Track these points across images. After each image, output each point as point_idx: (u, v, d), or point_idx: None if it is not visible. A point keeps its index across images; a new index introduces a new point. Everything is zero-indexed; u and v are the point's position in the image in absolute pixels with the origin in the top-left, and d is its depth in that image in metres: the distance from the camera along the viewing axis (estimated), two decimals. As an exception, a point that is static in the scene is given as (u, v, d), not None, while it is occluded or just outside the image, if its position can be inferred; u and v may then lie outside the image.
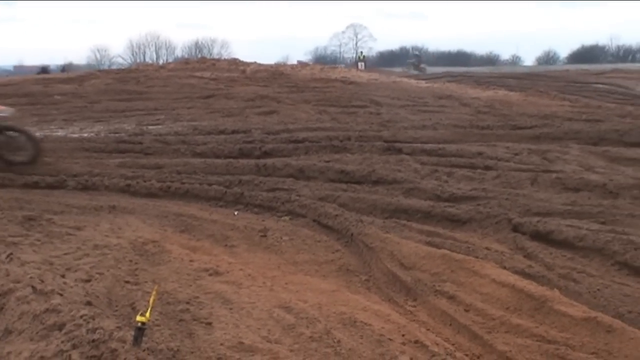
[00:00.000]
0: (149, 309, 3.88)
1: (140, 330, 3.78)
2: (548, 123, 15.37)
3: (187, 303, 4.97)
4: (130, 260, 5.92)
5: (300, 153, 12.24)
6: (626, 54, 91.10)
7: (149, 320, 3.85)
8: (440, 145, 12.43)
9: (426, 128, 15.11)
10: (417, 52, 64.88)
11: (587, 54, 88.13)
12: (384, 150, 12.19)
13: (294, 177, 10.43)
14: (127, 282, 5.34)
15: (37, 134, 14.54)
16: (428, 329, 5.02)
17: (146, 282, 5.41)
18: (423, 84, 30.44)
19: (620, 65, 54.90)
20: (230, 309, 4.96)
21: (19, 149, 11.10)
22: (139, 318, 3.78)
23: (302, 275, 6.30)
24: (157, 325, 4.40)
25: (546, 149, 12.25)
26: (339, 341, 4.43)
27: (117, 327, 4.00)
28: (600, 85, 32.34)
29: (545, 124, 15.12)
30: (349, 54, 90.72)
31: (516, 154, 11.80)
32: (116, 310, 4.70)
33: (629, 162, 11.26)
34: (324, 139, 13.17)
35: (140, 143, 13.58)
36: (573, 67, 58.54)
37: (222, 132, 15.13)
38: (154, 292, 4.03)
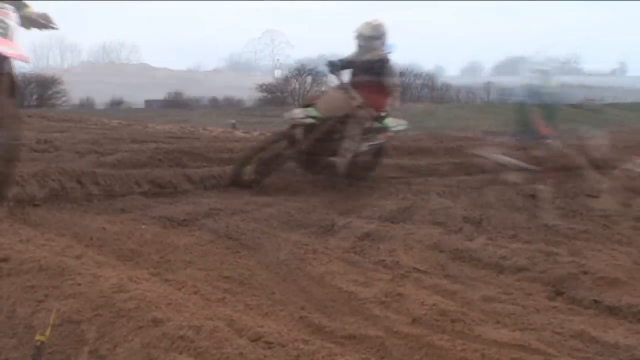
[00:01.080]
0: (49, 328, 3.70)
1: (39, 349, 3.65)
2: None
3: (90, 322, 4.75)
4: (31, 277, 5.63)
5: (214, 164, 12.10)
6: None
7: (47, 339, 3.68)
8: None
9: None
10: None
11: (513, 66, 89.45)
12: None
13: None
14: (27, 299, 5.09)
15: None
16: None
17: (47, 298, 5.16)
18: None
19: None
20: (140, 327, 4.77)
21: None
22: (38, 337, 3.66)
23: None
24: (56, 345, 4.19)
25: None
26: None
27: (14, 346, 3.85)
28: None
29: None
30: (266, 61, 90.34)
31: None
32: (14, 329, 4.46)
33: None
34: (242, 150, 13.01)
35: (49, 152, 13.19)
36: (497, 79, 58.79)
37: (133, 140, 14.91)
38: (54, 311, 3.86)
